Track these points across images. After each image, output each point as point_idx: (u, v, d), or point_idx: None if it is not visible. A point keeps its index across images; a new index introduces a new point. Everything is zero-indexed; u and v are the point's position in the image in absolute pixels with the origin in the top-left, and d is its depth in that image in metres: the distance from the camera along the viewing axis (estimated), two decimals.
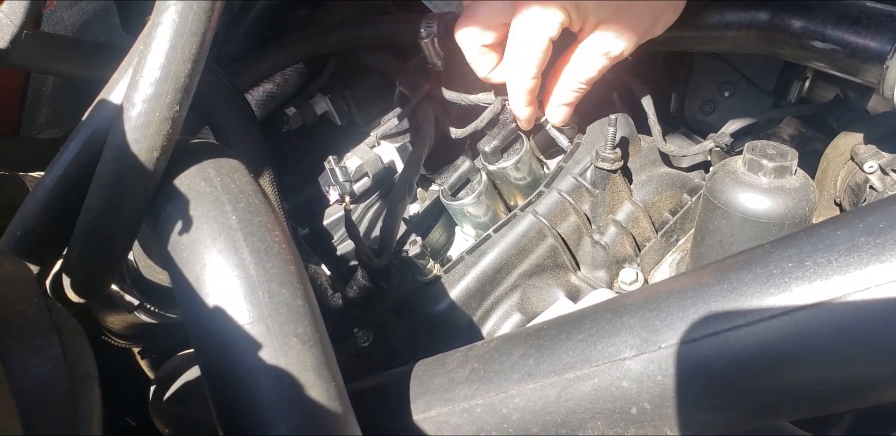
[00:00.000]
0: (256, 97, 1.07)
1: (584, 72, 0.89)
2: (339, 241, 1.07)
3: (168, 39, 0.54)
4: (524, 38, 0.86)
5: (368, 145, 1.03)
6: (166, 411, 1.01)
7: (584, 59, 0.88)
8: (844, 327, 0.48)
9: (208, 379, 0.54)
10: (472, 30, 0.90)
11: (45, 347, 0.49)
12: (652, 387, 0.54)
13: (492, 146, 0.91)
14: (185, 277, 0.55)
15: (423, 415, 0.65)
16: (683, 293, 0.56)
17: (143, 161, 0.57)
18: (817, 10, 0.79)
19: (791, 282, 0.51)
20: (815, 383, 0.50)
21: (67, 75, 0.90)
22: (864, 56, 0.76)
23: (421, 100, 0.99)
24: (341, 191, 0.94)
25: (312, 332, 0.55)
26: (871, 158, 0.87)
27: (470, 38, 0.91)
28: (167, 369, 1.06)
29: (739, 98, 1.06)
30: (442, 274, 0.90)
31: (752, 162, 0.77)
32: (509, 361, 0.63)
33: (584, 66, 0.88)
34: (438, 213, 1.02)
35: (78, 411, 0.49)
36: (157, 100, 0.55)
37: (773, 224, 0.76)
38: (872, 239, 0.49)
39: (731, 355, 0.52)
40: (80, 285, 0.68)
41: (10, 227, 0.64)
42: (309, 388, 0.52)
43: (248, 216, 0.57)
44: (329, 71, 1.10)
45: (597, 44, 0.86)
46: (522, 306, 0.91)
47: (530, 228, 0.90)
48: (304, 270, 0.58)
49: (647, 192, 0.97)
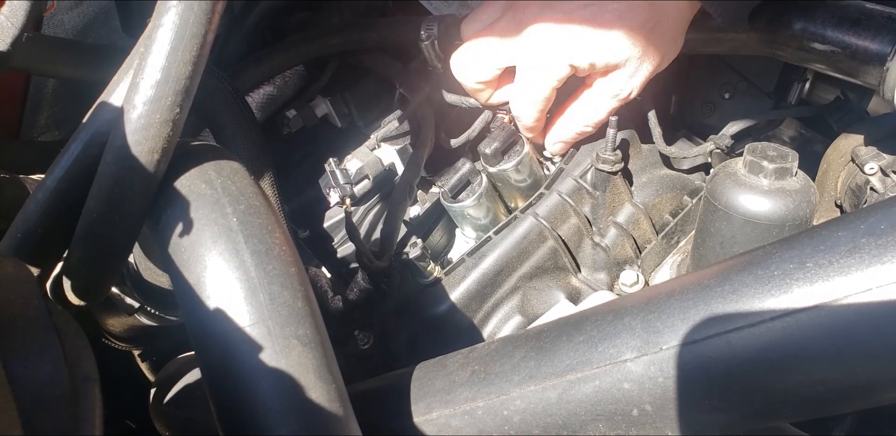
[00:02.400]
0: (257, 99, 1.07)
1: (592, 116, 0.90)
2: (340, 243, 1.07)
3: (169, 41, 0.54)
4: (527, 86, 0.87)
5: (369, 148, 1.03)
6: (167, 413, 1.01)
7: (591, 104, 0.89)
8: (846, 328, 0.48)
9: (209, 381, 0.54)
10: (471, 68, 0.91)
11: (45, 349, 0.49)
12: (653, 389, 0.54)
13: (492, 148, 0.91)
14: (185, 279, 0.55)
15: (424, 417, 0.65)
16: (684, 295, 0.56)
17: (143, 163, 0.57)
18: (817, 11, 0.79)
19: (792, 283, 0.50)
20: (816, 385, 0.50)
21: (68, 78, 0.90)
22: (864, 58, 0.76)
23: (421, 102, 0.99)
24: (342, 193, 0.94)
25: (313, 334, 0.55)
26: (871, 159, 0.87)
27: (467, 75, 0.92)
28: (167, 372, 1.06)
29: (740, 100, 1.06)
30: (442, 276, 0.90)
31: (753, 164, 0.77)
32: (510, 363, 0.63)
33: (591, 110, 0.90)
34: (439, 215, 1.02)
35: (78, 412, 0.48)
36: (157, 102, 0.55)
37: (773, 226, 0.76)
38: (874, 240, 0.49)
39: (732, 357, 0.51)
40: (81, 288, 0.68)
41: (11, 229, 0.64)
42: (310, 390, 0.52)
43: (249, 218, 0.57)
44: (329, 73, 1.10)
45: (604, 89, 0.87)
46: (523, 308, 0.91)
47: (531, 230, 0.90)
48: (304, 273, 0.58)
49: (647, 194, 0.97)
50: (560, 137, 0.94)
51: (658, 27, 0.81)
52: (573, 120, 0.92)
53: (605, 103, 0.88)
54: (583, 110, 0.90)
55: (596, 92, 0.88)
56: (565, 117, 0.92)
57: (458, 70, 0.92)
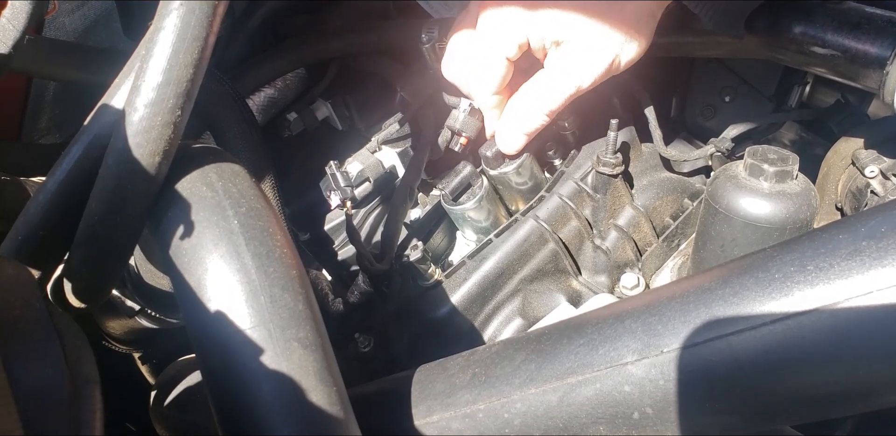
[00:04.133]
0: (258, 102, 1.07)
1: (547, 100, 0.86)
2: (340, 246, 1.07)
3: (170, 44, 0.54)
4: (481, 58, 0.85)
5: (369, 150, 1.03)
6: (167, 416, 1.01)
7: (545, 86, 0.86)
8: (847, 331, 0.48)
9: (209, 384, 0.54)
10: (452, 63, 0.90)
11: (46, 351, 0.49)
12: (654, 392, 0.54)
13: (493, 151, 0.91)
14: (186, 281, 0.55)
15: (425, 420, 0.65)
16: (685, 298, 0.56)
17: (144, 166, 0.57)
18: (817, 15, 0.79)
19: (793, 286, 0.51)
20: (817, 388, 0.50)
21: (69, 80, 0.90)
22: (864, 61, 0.76)
23: (422, 105, 0.99)
24: (342, 196, 0.94)
25: (314, 336, 0.55)
26: (872, 162, 0.87)
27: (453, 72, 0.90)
28: (168, 374, 1.05)
29: (740, 103, 1.06)
30: (443, 279, 0.90)
31: (754, 167, 0.77)
32: (511, 365, 0.62)
33: (545, 93, 0.85)
34: (440, 217, 1.02)
35: (79, 415, 0.48)
36: (159, 104, 0.55)
37: (774, 229, 0.76)
38: (874, 243, 0.49)
39: (733, 360, 0.51)
40: (82, 290, 0.68)
41: (12, 231, 0.64)
42: (310, 393, 0.52)
43: (250, 221, 0.57)
44: (330, 76, 1.10)
45: (560, 69, 0.83)
46: (524, 311, 0.91)
47: (531, 232, 0.90)
48: (305, 275, 0.58)
49: (648, 196, 0.97)
50: (515, 127, 0.89)
51: (622, 11, 0.79)
52: (528, 105, 0.87)
53: (559, 86, 0.84)
54: (538, 93, 0.86)
55: (551, 72, 0.84)
56: (519, 101, 0.88)
57: (447, 72, 0.91)
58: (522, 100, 0.88)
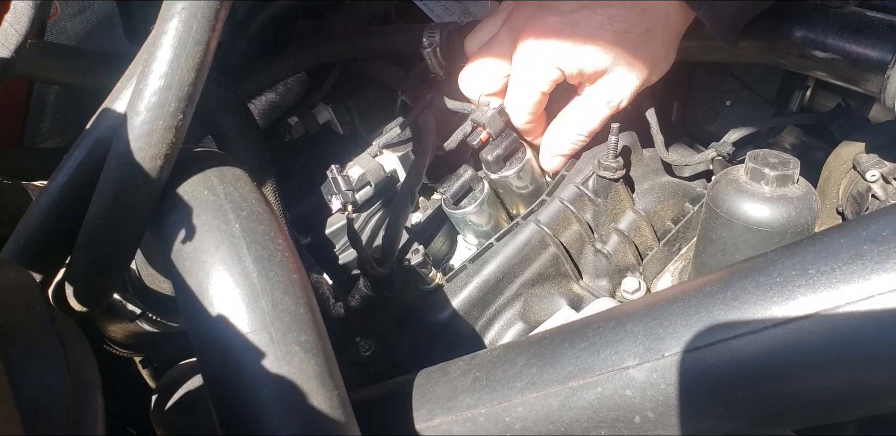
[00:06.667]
0: (259, 106, 1.07)
1: (584, 124, 0.90)
2: (341, 250, 1.07)
3: (172, 48, 0.54)
4: (518, 89, 0.88)
5: (371, 154, 1.03)
6: (168, 420, 1.01)
7: (583, 111, 0.90)
8: (849, 335, 0.48)
9: (211, 388, 0.54)
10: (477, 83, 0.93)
11: (47, 355, 0.49)
12: (655, 396, 0.54)
13: (494, 155, 0.91)
14: (187, 285, 0.55)
15: (426, 424, 0.65)
16: (686, 302, 0.56)
17: (146, 170, 0.57)
18: (818, 19, 0.79)
19: (794, 290, 0.50)
20: (819, 392, 0.50)
21: (71, 84, 0.90)
22: (864, 65, 0.77)
23: (423, 109, 1.00)
24: (343, 200, 0.94)
25: (315, 340, 0.55)
26: (873, 166, 0.87)
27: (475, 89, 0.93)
28: (169, 378, 1.05)
29: (741, 107, 1.06)
30: (444, 283, 0.90)
31: (755, 171, 0.77)
32: (512, 369, 0.62)
33: (583, 118, 0.90)
34: (441, 221, 1.02)
35: (80, 419, 0.48)
36: (160, 108, 0.55)
37: (775, 233, 0.76)
38: (876, 247, 0.49)
39: (734, 364, 0.51)
40: (83, 294, 0.68)
41: (14, 235, 0.64)
42: (311, 396, 0.52)
43: (251, 225, 0.57)
44: (331, 80, 1.10)
45: (595, 95, 0.87)
46: (525, 315, 0.91)
47: (532, 236, 0.90)
48: (306, 279, 0.58)
49: (649, 201, 0.97)
50: (555, 149, 0.94)
51: (649, 33, 0.82)
52: (566, 128, 0.92)
53: (597, 111, 0.88)
54: (575, 118, 0.91)
55: (586, 99, 0.89)
56: (558, 126, 0.93)
57: (467, 87, 0.94)
58: (563, 126, 0.92)
